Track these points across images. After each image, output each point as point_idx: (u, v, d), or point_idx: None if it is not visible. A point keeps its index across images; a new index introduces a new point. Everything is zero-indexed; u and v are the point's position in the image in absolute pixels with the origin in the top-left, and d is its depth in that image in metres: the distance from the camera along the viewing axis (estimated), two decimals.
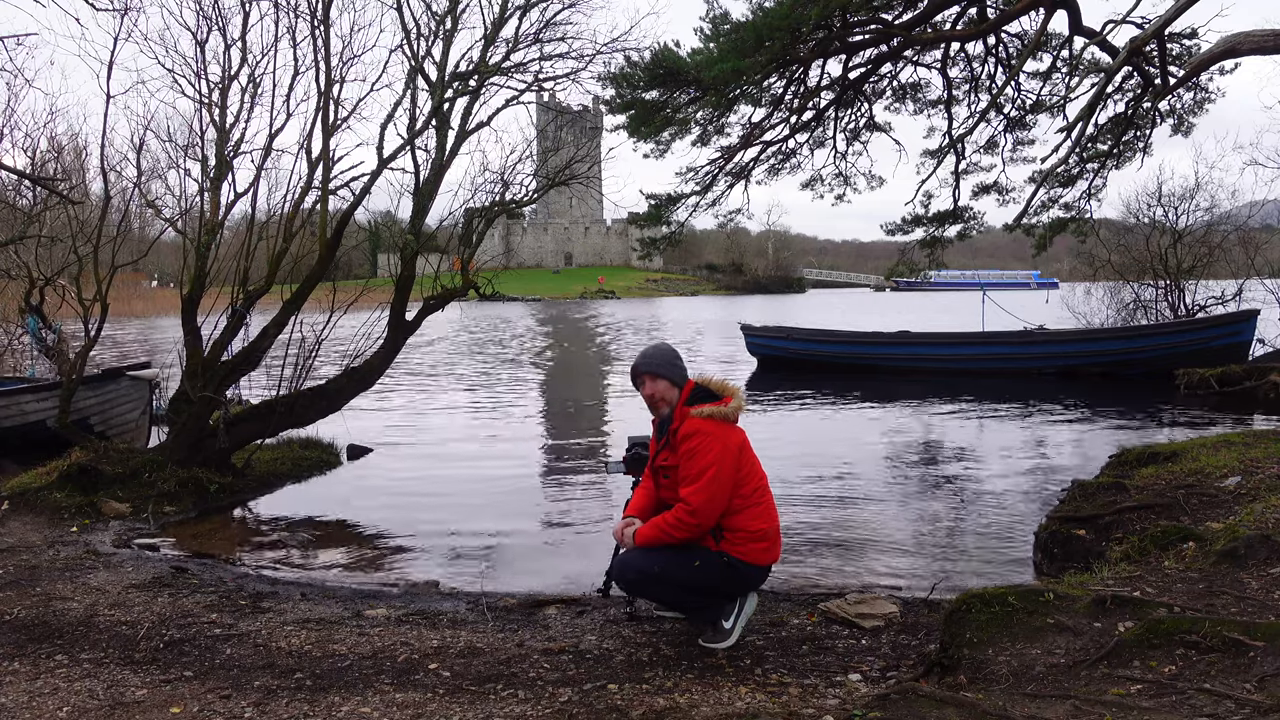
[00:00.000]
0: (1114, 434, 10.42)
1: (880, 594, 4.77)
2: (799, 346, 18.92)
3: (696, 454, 3.86)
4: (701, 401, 4.00)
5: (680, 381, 4.12)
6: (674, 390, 4.11)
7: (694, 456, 3.86)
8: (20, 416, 9.30)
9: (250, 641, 4.21)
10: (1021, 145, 13.29)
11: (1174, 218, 19.88)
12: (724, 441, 3.89)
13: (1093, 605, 3.42)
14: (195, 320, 7.90)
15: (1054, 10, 9.94)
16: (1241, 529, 4.26)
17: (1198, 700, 2.67)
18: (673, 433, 4.03)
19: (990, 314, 19.08)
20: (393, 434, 11.20)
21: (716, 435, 3.89)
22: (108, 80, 7.68)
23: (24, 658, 4.01)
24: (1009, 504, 7.30)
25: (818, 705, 3.28)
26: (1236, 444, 6.52)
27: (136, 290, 54.64)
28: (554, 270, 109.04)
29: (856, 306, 52.77)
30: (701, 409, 3.95)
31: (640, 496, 4.30)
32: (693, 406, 3.99)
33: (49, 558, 5.78)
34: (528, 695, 3.50)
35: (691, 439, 3.89)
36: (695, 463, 3.85)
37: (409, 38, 7.96)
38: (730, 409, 3.98)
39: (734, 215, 13.91)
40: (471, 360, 22.54)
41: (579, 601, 4.84)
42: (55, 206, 11.12)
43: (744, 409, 4.09)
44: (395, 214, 10.98)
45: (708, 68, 10.29)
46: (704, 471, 3.82)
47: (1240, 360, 14.44)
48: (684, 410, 4.01)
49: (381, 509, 7.53)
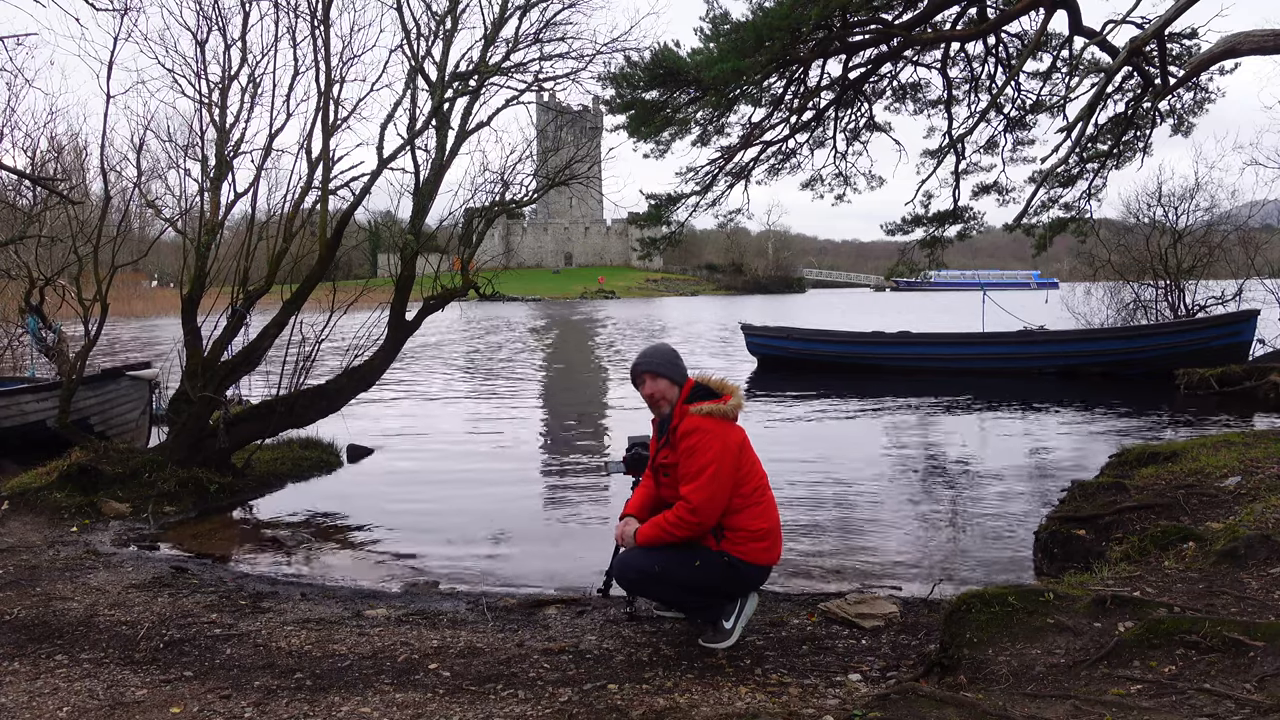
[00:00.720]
0: (1114, 434, 10.42)
1: (880, 594, 4.77)
2: (799, 346, 18.92)
3: (696, 451, 3.85)
4: (701, 399, 4.00)
5: (680, 380, 4.12)
6: (674, 389, 4.11)
7: (694, 454, 3.86)
8: (20, 416, 9.31)
9: (250, 641, 4.21)
10: (1021, 145, 13.31)
11: (1174, 218, 19.92)
12: (724, 439, 3.89)
13: (1093, 605, 3.42)
14: (195, 320, 7.90)
15: (1054, 10, 9.94)
16: (1241, 529, 4.26)
17: (1198, 700, 2.67)
18: (672, 430, 4.02)
19: (990, 314, 19.09)
20: (393, 434, 11.20)
21: (716, 433, 3.88)
22: (108, 80, 7.69)
23: (24, 658, 4.01)
24: (1009, 504, 7.31)
25: (818, 705, 3.28)
26: (1236, 444, 6.52)
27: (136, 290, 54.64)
28: (554, 270, 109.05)
29: (856, 306, 52.78)
30: (701, 406, 3.95)
31: (640, 495, 4.30)
32: (692, 404, 3.98)
33: (49, 558, 5.78)
34: (528, 695, 3.50)
35: (691, 436, 3.89)
36: (695, 460, 3.85)
37: (409, 38, 7.97)
38: (729, 407, 3.98)
39: (734, 215, 13.92)
40: (472, 360, 22.54)
41: (579, 601, 4.84)
42: (55, 206, 11.12)
43: (743, 408, 4.09)
44: (395, 214, 10.99)
45: (708, 68, 10.29)
46: (704, 469, 3.82)
47: (1240, 360, 14.45)
48: (684, 408, 4.01)
49: (381, 509, 7.52)
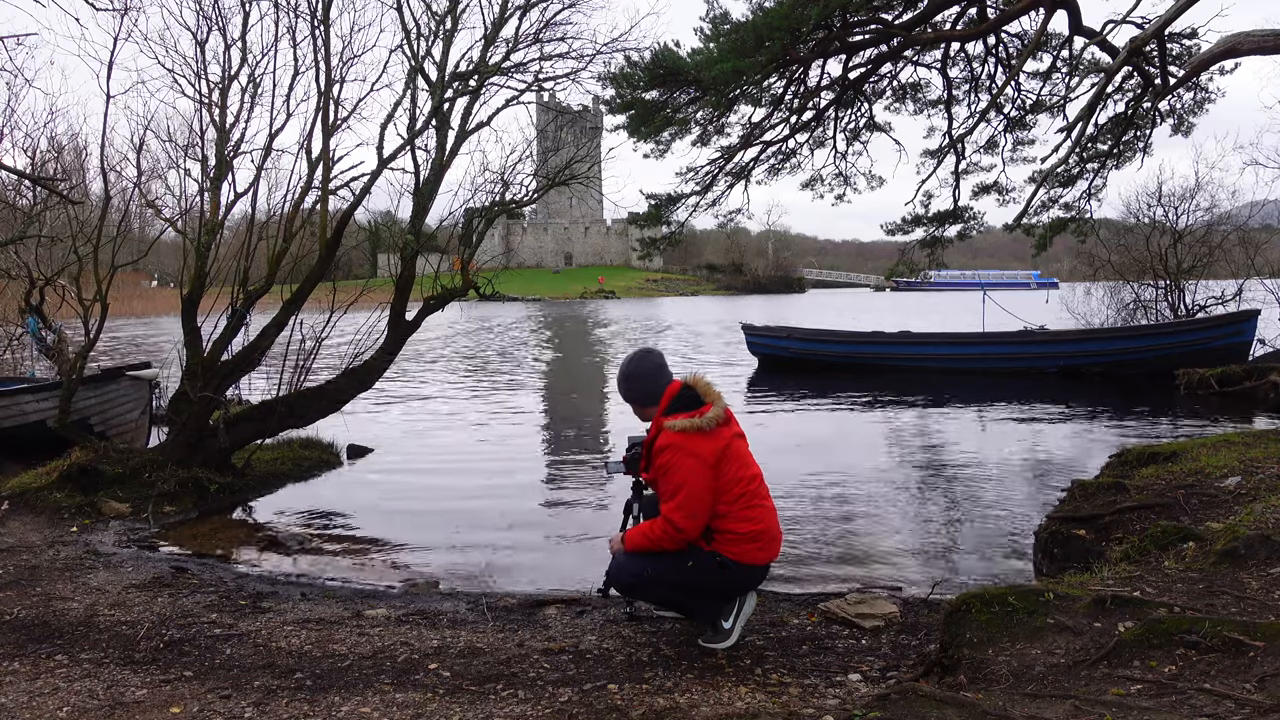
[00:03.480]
0: (1114, 434, 10.43)
1: (880, 594, 4.77)
2: (800, 346, 18.92)
3: (670, 470, 3.83)
4: (680, 410, 3.94)
5: (653, 399, 4.07)
6: (648, 409, 4.10)
7: (667, 473, 3.84)
8: (20, 416, 9.31)
9: (250, 641, 4.21)
10: (1021, 145, 13.32)
11: (1174, 218, 19.90)
12: (696, 455, 3.81)
13: (1093, 605, 3.42)
14: (195, 320, 7.90)
15: (1054, 10, 9.95)
16: (1241, 529, 4.25)
17: (1198, 700, 2.67)
18: (648, 445, 4.01)
19: (990, 314, 19.09)
20: (393, 434, 11.20)
21: (688, 449, 3.82)
22: (108, 80, 7.68)
23: (24, 658, 4.01)
24: (1009, 504, 7.31)
25: (818, 705, 3.28)
26: (1236, 444, 6.52)
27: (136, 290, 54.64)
28: (554, 270, 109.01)
29: (857, 306, 52.77)
30: (675, 422, 3.88)
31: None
32: (669, 418, 3.93)
33: (49, 558, 5.78)
34: (528, 695, 3.50)
35: (664, 454, 3.86)
36: (670, 479, 3.84)
37: (409, 38, 7.97)
38: (706, 420, 3.88)
39: (734, 215, 13.91)
40: (472, 360, 22.54)
41: (579, 601, 4.84)
42: (55, 206, 11.11)
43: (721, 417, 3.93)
44: (395, 214, 11.00)
45: (708, 68, 10.29)
46: (678, 489, 3.80)
47: (1240, 360, 14.45)
48: (660, 422, 3.98)
49: (381, 509, 7.53)
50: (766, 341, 19.45)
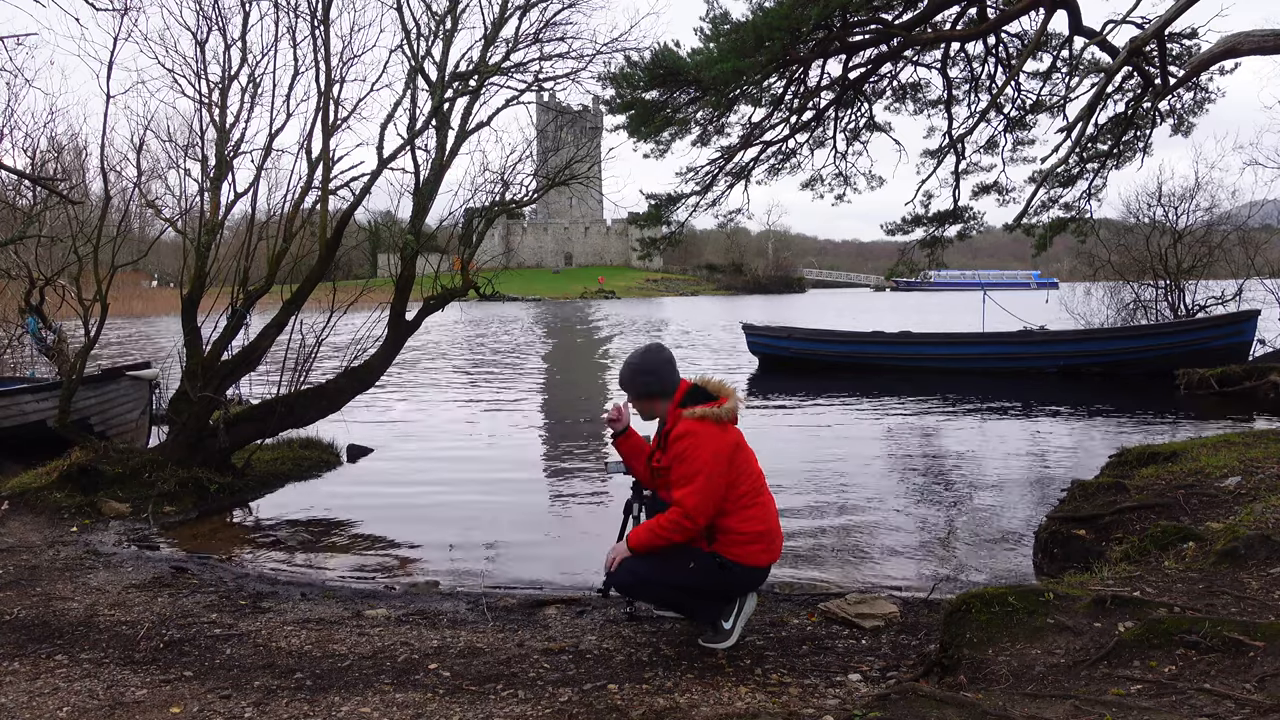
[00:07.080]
0: (1114, 434, 10.42)
1: (880, 594, 4.77)
2: (800, 346, 18.93)
3: (687, 456, 3.83)
4: (695, 402, 3.97)
5: (667, 390, 4.07)
6: (653, 403, 4.09)
7: (685, 459, 3.83)
8: (20, 416, 9.31)
9: (250, 641, 4.21)
10: (1021, 145, 13.33)
11: (1174, 218, 19.91)
12: (715, 443, 3.85)
13: (1093, 605, 3.42)
14: (195, 320, 7.90)
15: (1054, 10, 9.95)
16: (1241, 529, 4.25)
17: (1198, 700, 2.67)
18: (665, 434, 4.02)
19: (990, 314, 19.09)
20: (393, 434, 11.19)
21: (707, 436, 3.85)
22: (108, 80, 7.68)
23: (24, 658, 4.01)
24: (1009, 504, 7.30)
25: (818, 705, 3.28)
26: (1236, 444, 6.52)
27: (136, 290, 54.62)
28: (554, 270, 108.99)
29: (857, 306, 52.77)
30: (694, 410, 3.91)
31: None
32: (685, 408, 3.96)
33: (49, 558, 5.77)
34: (528, 695, 3.50)
35: (683, 440, 3.86)
36: (687, 465, 3.83)
37: (409, 38, 7.97)
38: (724, 410, 3.93)
39: (734, 215, 13.92)
40: (472, 360, 22.54)
41: (579, 601, 4.83)
42: (55, 206, 11.11)
43: (740, 410, 4.05)
44: (395, 214, 10.99)
45: (708, 68, 10.30)
46: (696, 474, 3.80)
47: (1240, 360, 14.45)
48: (677, 412, 3.99)
49: (382, 509, 7.53)
50: (767, 341, 19.46)
